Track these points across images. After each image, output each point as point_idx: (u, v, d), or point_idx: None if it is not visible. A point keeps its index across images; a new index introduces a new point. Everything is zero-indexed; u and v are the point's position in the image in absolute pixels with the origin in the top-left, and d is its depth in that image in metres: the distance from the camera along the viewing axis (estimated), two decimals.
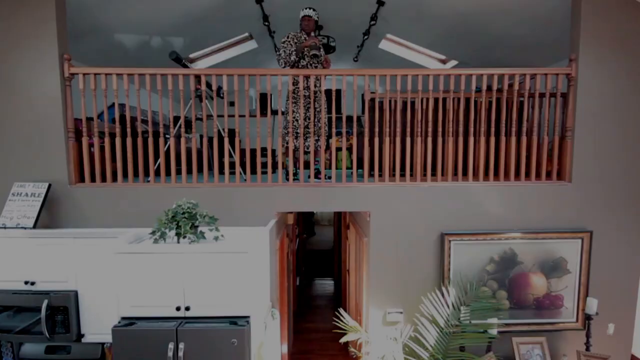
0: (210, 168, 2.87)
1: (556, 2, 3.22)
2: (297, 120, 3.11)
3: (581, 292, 2.87)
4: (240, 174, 3.16)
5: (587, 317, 2.73)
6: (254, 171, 2.91)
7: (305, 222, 9.52)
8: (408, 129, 2.93)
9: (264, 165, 4.15)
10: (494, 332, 2.58)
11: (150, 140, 2.73)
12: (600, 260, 2.88)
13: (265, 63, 6.34)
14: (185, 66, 3.19)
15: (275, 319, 2.82)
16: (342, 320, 2.76)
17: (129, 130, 2.71)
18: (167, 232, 2.08)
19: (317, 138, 3.09)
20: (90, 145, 2.79)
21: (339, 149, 5.60)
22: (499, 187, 2.83)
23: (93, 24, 3.67)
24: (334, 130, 3.02)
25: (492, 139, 2.86)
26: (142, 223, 2.55)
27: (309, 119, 3.13)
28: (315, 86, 3.10)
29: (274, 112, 5.27)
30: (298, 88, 2.99)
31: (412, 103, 3.39)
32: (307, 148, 3.15)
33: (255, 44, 5.37)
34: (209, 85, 3.33)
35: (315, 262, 8.46)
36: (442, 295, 2.71)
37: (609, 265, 2.90)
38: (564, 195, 2.84)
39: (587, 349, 2.73)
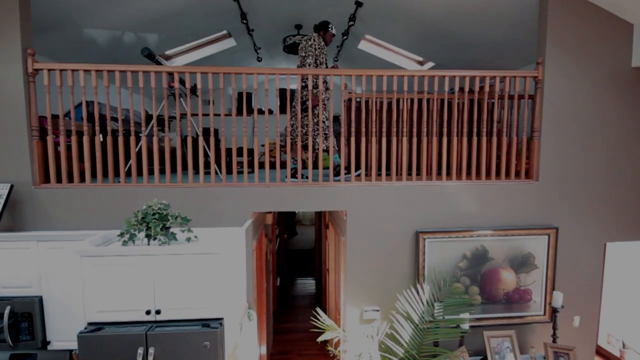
0: (185, 168, 2.81)
1: (525, 7, 3.35)
2: (325, 122, 3.12)
3: (548, 286, 3.00)
4: (218, 173, 3.11)
5: (554, 310, 2.85)
6: (234, 171, 2.87)
7: (287, 222, 9.49)
8: (384, 130, 2.96)
9: (243, 164, 4.11)
10: (466, 326, 2.65)
11: (121, 139, 2.65)
12: (565, 256, 3.02)
13: (244, 61, 6.27)
14: (158, 63, 3.11)
15: (251, 320, 2.80)
16: (319, 320, 2.77)
17: (97, 128, 2.62)
18: (137, 234, 2.02)
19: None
20: (57, 144, 2.68)
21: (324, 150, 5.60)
22: (471, 185, 2.91)
23: (60, 17, 3.51)
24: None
25: (465, 139, 2.93)
26: (112, 225, 2.48)
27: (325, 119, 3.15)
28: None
29: (260, 112, 5.24)
30: (318, 89, 3.02)
31: (389, 104, 3.44)
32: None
33: (234, 42, 5.30)
34: (183, 83, 3.26)
35: (297, 262, 8.45)
36: (417, 292, 2.76)
37: (573, 260, 3.04)
38: (531, 193, 2.95)
39: (554, 341, 2.86)
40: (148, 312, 2.00)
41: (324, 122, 3.07)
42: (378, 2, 4.08)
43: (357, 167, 2.97)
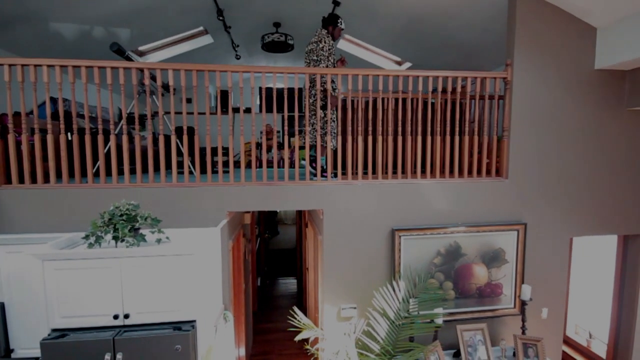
0: (157, 168, 2.73)
1: (495, 11, 3.45)
2: (334, 121, 3.03)
3: (518, 280, 3.11)
4: (192, 172, 3.05)
5: (523, 303, 2.96)
6: (213, 170, 2.81)
7: (268, 221, 9.42)
8: (363, 128, 2.98)
9: (224, 164, 4.05)
10: (439, 321, 2.72)
11: (88, 137, 2.55)
12: (533, 250, 3.14)
13: (222, 59, 6.16)
14: (128, 59, 3.01)
15: (228, 321, 2.76)
16: (296, 319, 2.76)
17: (62, 126, 2.51)
18: (103, 236, 1.95)
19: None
20: (19, 143, 2.55)
21: (301, 148, 5.60)
22: (445, 183, 2.97)
23: (24, 10, 3.35)
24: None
25: (439, 138, 2.99)
26: (79, 228, 2.38)
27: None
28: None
29: (235, 110, 5.17)
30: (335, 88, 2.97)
31: (367, 103, 3.47)
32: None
33: (211, 39, 5.20)
34: (155, 80, 3.17)
35: (279, 262, 8.41)
36: (393, 289, 2.80)
37: (541, 254, 3.16)
38: (501, 190, 3.05)
39: (523, 333, 2.97)
40: (116, 317, 1.94)
41: (333, 120, 3.01)
42: (355, 2, 4.10)
43: (336, 167, 2.98)
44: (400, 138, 2.97)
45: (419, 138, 2.96)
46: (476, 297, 3.10)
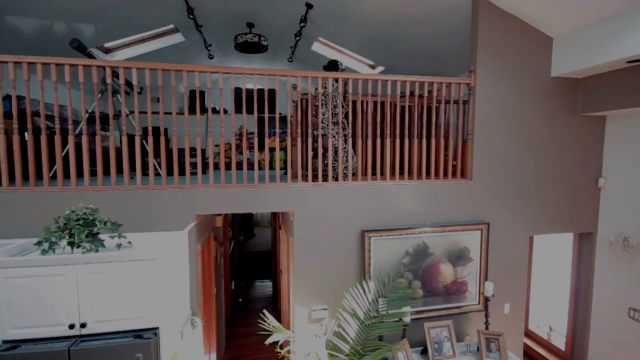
0: (121, 170, 2.64)
1: (461, 19, 3.59)
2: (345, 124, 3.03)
3: (481, 278, 3.24)
4: (158, 171, 2.96)
5: (486, 299, 3.08)
6: (182, 172, 2.72)
7: (244, 223, 9.30)
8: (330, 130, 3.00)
9: (196, 165, 3.95)
10: (407, 320, 2.78)
11: (44, 137, 2.42)
12: (496, 248, 3.28)
13: (195, 58, 6.03)
14: (90, 56, 2.89)
15: (196, 327, 2.70)
16: (266, 322, 2.74)
17: (15, 125, 2.37)
18: (58, 241, 1.86)
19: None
20: None
21: (273, 149, 5.58)
22: (412, 185, 3.05)
23: None
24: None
25: (407, 141, 3.07)
26: (33, 234, 2.26)
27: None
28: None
29: (213, 111, 5.05)
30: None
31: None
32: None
33: (182, 37, 5.07)
34: (119, 78, 3.06)
35: (255, 264, 8.31)
36: (363, 289, 2.85)
37: (503, 252, 3.31)
38: (466, 191, 3.17)
39: (487, 328, 3.09)
40: (72, 327, 1.85)
41: (344, 123, 3.00)
42: (328, 5, 4.14)
43: (310, 168, 2.98)
44: (370, 141, 3.03)
45: (387, 141, 3.02)
46: (443, 295, 3.20)
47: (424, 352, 2.97)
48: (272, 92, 5.98)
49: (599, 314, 3.60)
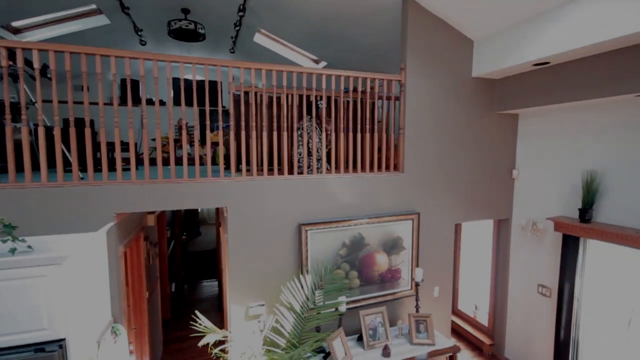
0: (36, 166, 2.32)
1: (395, 18, 3.72)
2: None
3: (413, 264, 3.44)
4: (81, 171, 2.66)
5: (416, 284, 3.28)
6: (112, 167, 2.45)
7: (188, 222, 8.86)
8: (266, 123, 2.95)
9: (126, 161, 3.63)
10: (343, 309, 2.85)
11: None
12: (426, 236, 3.50)
13: (123, 44, 5.54)
14: None
15: (119, 335, 2.50)
16: (197, 323, 2.63)
17: None
18: None
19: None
20: None
21: (215, 144, 5.34)
22: (348, 178, 3.12)
23: None
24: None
25: (342, 135, 3.13)
26: None
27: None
28: None
29: (148, 102, 4.65)
30: None
31: (278, 98, 3.44)
32: None
33: (107, 20, 4.62)
34: (30, 64, 2.68)
35: (200, 264, 7.96)
36: (300, 282, 2.86)
37: (433, 239, 3.54)
38: (398, 183, 3.33)
39: (417, 311, 3.30)
40: None
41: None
42: None
43: (244, 162, 2.89)
44: (305, 134, 3.02)
45: (324, 135, 3.05)
46: (379, 283, 3.34)
47: (360, 339, 3.07)
48: (214, 85, 5.72)
49: (514, 291, 4.03)
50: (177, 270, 6.23)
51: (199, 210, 10.13)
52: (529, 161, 3.77)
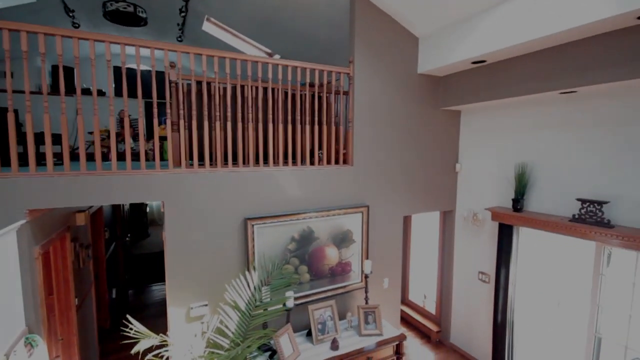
0: None
1: (346, 11, 3.72)
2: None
3: (363, 257, 3.47)
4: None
5: (366, 276, 3.31)
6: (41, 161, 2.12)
7: (134, 222, 8.26)
8: (206, 114, 2.79)
9: (58, 156, 3.23)
10: (290, 304, 2.79)
11: None
12: (375, 229, 3.55)
13: (52, 24, 4.97)
14: None
15: (36, 346, 2.21)
16: (129, 327, 2.41)
17: None
18: None
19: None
20: None
21: (163, 138, 5.00)
22: (296, 171, 3.06)
23: None
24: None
25: (290, 127, 3.06)
26: None
27: None
28: None
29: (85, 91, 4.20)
30: None
31: (232, 89, 3.28)
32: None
33: None
34: None
35: (149, 267, 7.45)
36: (246, 279, 2.74)
37: (381, 232, 3.60)
38: (348, 176, 3.33)
39: (366, 303, 3.33)
40: None
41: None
42: None
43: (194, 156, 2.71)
44: (251, 126, 2.91)
45: (270, 126, 2.96)
46: (329, 277, 3.32)
47: (310, 334, 3.03)
48: (162, 75, 5.35)
49: (458, 279, 4.24)
50: (119, 275, 5.77)
51: (148, 210, 9.50)
52: (470, 155, 3.98)
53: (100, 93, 5.60)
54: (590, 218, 2.74)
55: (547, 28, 2.41)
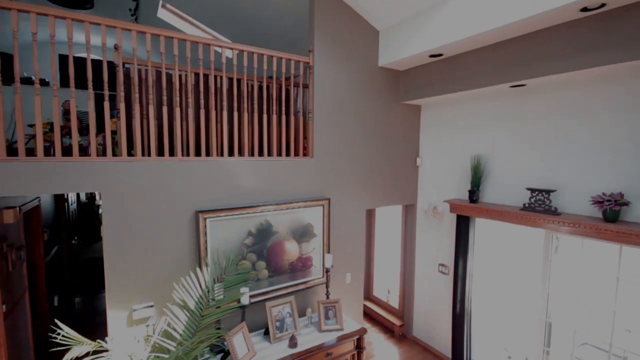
0: None
1: (303, 1, 3.64)
2: None
3: (324, 251, 3.38)
4: None
5: (326, 270, 3.23)
6: None
7: (84, 224, 7.64)
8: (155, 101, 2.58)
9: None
10: (245, 301, 2.64)
11: None
12: (337, 223, 3.48)
13: None
14: None
15: None
16: (57, 332, 2.15)
17: None
18: None
19: None
20: None
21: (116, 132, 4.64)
22: (253, 162, 2.92)
23: None
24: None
25: (245, 116, 2.91)
26: None
27: None
28: None
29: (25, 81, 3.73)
30: None
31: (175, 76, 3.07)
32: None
33: None
34: None
35: (100, 272, 6.89)
36: (197, 276, 2.55)
37: (343, 225, 3.54)
38: (308, 168, 3.24)
39: (327, 297, 3.24)
40: None
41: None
42: None
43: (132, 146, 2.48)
44: (213, 114, 2.74)
45: (225, 114, 2.80)
46: (289, 272, 3.20)
47: (268, 332, 2.89)
48: (113, 66, 4.97)
49: (420, 272, 4.28)
50: (64, 280, 5.27)
51: (100, 211, 8.84)
52: (430, 149, 4.04)
53: (44, 83, 5.12)
54: (539, 206, 2.84)
55: (496, 20, 2.47)
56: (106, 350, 2.24)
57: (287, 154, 3.20)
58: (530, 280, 3.17)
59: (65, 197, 5.74)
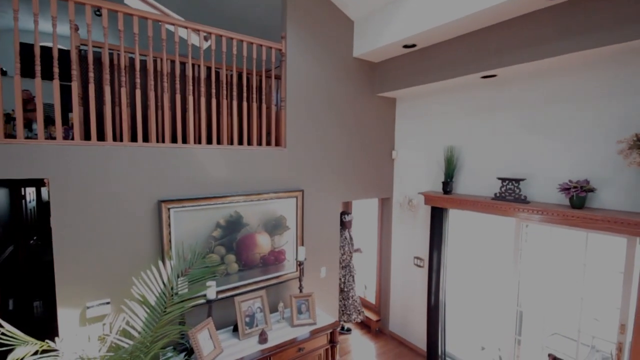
0: None
1: None
2: None
3: (298, 245, 3.29)
4: None
5: (300, 264, 3.13)
6: None
7: (44, 223, 7.16)
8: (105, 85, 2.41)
9: None
10: (212, 295, 2.50)
11: None
12: (311, 215, 3.40)
13: None
14: None
15: None
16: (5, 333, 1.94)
17: None
18: None
19: None
20: None
21: None
22: (223, 151, 2.79)
23: None
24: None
25: (214, 102, 2.78)
26: None
27: None
28: None
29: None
30: None
31: (142, 62, 2.90)
32: None
33: None
34: None
35: None
36: (159, 271, 2.39)
37: (317, 218, 3.46)
38: (281, 159, 3.14)
39: (301, 291, 3.14)
40: None
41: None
42: None
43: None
44: (166, 97, 2.58)
45: (190, 100, 2.66)
46: (261, 266, 3.08)
47: (237, 328, 2.76)
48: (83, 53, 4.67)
49: (396, 266, 4.26)
50: (20, 284, 4.90)
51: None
52: (406, 142, 4.03)
53: (2, 73, 4.77)
54: (510, 195, 2.86)
55: (466, 8, 2.46)
56: (55, 350, 2.04)
57: (260, 144, 3.08)
58: (503, 270, 3.19)
59: (23, 193, 5.35)
